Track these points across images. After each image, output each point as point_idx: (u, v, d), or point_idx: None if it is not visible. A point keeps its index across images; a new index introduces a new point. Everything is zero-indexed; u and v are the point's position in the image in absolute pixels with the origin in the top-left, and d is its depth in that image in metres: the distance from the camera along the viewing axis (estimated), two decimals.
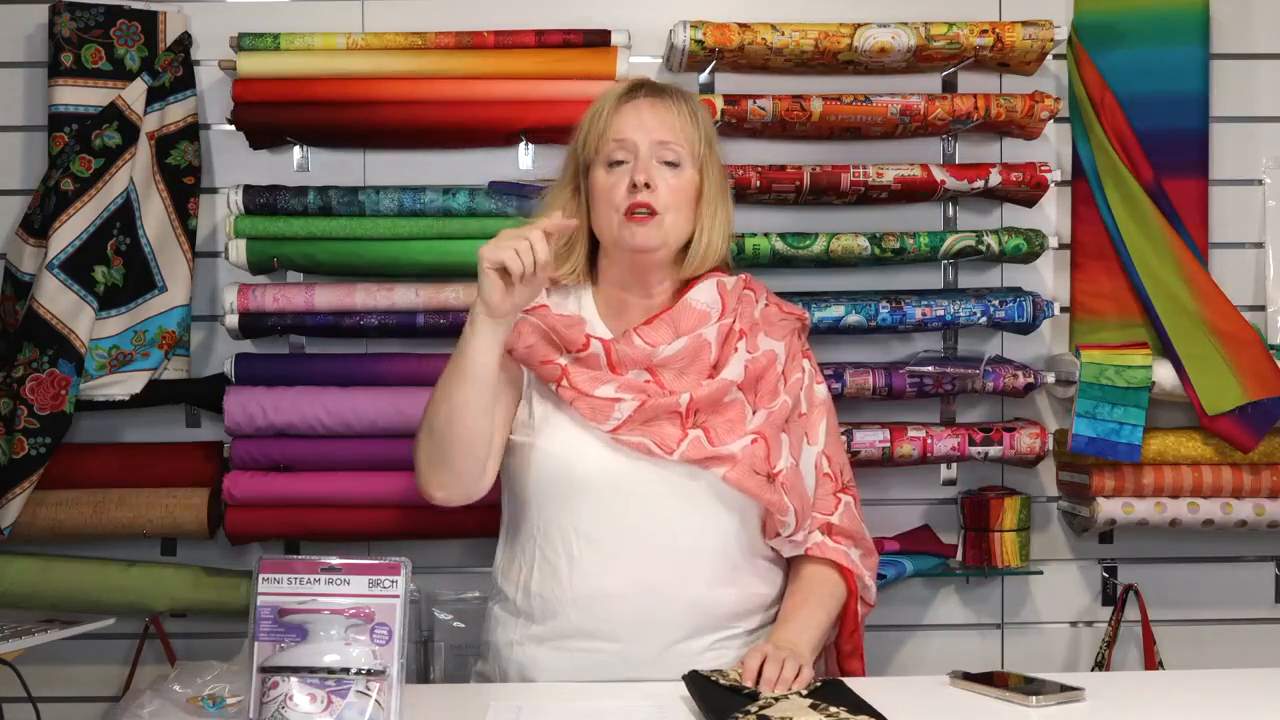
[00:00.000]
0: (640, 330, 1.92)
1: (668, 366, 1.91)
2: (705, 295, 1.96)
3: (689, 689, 1.69)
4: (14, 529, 2.41)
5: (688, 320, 1.93)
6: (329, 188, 2.50)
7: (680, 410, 1.87)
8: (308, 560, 1.47)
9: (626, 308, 1.97)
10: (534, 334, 1.93)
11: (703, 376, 1.92)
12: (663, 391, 1.89)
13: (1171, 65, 2.65)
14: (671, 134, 1.91)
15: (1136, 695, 1.78)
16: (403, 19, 2.60)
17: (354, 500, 2.47)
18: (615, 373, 1.90)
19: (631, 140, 1.90)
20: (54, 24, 2.50)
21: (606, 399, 1.87)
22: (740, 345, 1.95)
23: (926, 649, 2.72)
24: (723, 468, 1.85)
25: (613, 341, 1.91)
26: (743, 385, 1.93)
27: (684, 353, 1.91)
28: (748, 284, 2.03)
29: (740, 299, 1.99)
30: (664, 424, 1.87)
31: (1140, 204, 2.59)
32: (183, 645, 2.61)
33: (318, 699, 1.43)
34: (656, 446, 1.85)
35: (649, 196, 1.88)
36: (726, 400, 1.91)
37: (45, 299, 2.38)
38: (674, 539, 1.87)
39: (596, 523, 1.87)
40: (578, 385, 1.88)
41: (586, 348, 1.90)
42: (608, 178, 1.91)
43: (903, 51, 2.49)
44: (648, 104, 1.93)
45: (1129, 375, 2.50)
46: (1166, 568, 2.73)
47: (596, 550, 1.87)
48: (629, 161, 1.90)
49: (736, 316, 1.97)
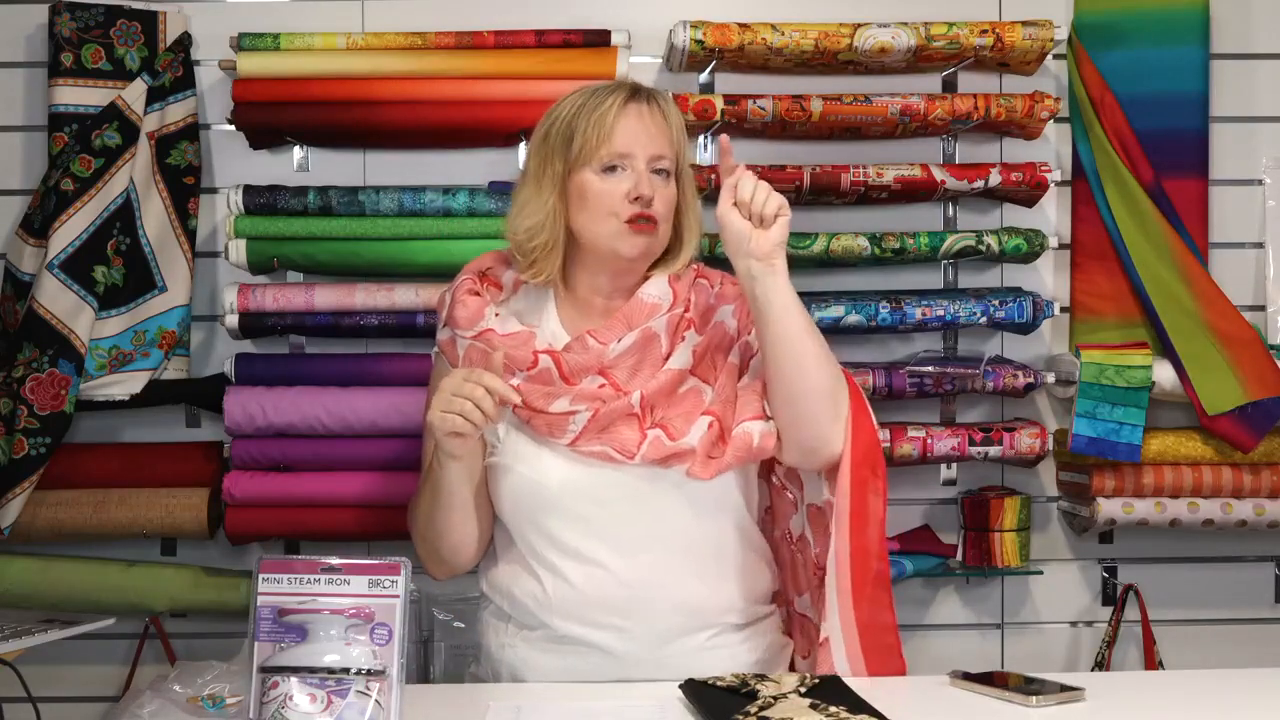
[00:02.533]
0: (595, 331, 1.91)
1: (619, 366, 1.90)
2: (656, 288, 1.94)
3: (686, 697, 1.69)
4: (14, 529, 2.41)
5: (639, 315, 1.92)
6: (329, 188, 2.50)
7: (635, 411, 1.87)
8: (308, 560, 1.47)
9: (590, 308, 1.96)
10: (483, 360, 1.89)
11: (656, 370, 1.91)
12: (616, 394, 1.88)
13: (1171, 65, 2.66)
14: (667, 146, 1.91)
15: (1136, 695, 1.78)
16: (403, 19, 2.60)
17: (354, 500, 2.47)
18: (569, 384, 1.89)
19: (632, 152, 1.89)
20: (54, 24, 2.50)
21: (561, 414, 1.86)
22: (688, 334, 1.94)
23: (926, 649, 2.72)
24: (684, 464, 1.85)
25: (562, 352, 1.89)
26: (697, 369, 1.93)
27: (633, 348, 1.90)
28: (700, 273, 2.02)
29: (694, 287, 1.98)
30: (622, 428, 1.86)
31: (1140, 204, 2.59)
32: (183, 645, 2.61)
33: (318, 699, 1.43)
34: (616, 453, 1.85)
35: (653, 208, 1.89)
36: (681, 391, 1.91)
37: (45, 299, 2.38)
38: (652, 541, 1.87)
39: (571, 534, 1.87)
40: (532, 404, 1.87)
41: (536, 365, 1.88)
42: (603, 184, 1.88)
43: (903, 51, 2.50)
44: (647, 113, 1.91)
45: (1129, 375, 2.50)
46: (1166, 568, 2.73)
47: (575, 561, 1.87)
48: (624, 169, 1.89)
49: (690, 306, 1.96)
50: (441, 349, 2.00)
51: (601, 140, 1.88)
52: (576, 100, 1.93)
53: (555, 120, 1.93)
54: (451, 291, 1.98)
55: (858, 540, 1.87)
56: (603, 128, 1.88)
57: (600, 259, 1.93)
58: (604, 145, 1.88)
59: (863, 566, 1.87)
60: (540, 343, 1.92)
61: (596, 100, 1.91)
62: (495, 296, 1.98)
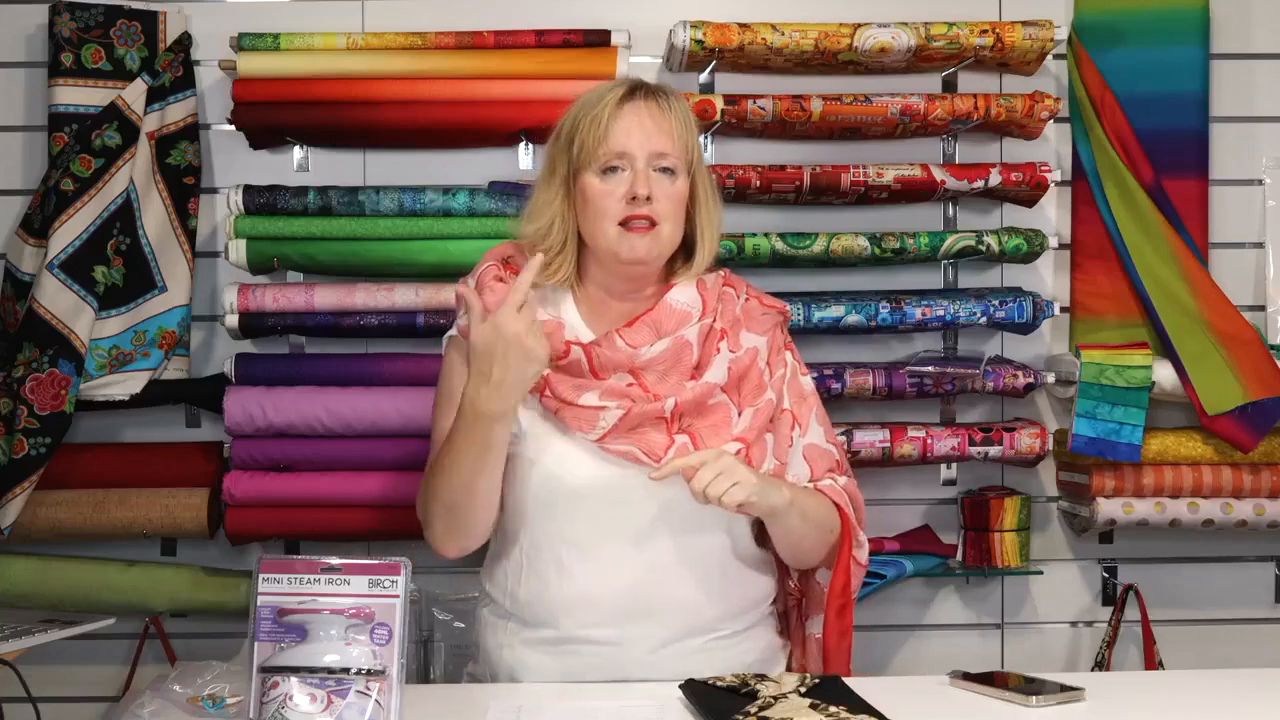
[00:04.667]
0: (622, 332, 1.90)
1: (650, 369, 1.89)
2: (685, 295, 1.93)
3: (686, 697, 1.69)
4: (14, 529, 2.41)
5: (669, 321, 1.91)
6: (329, 188, 2.50)
7: (665, 416, 1.86)
8: (308, 560, 1.47)
9: (608, 309, 1.95)
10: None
11: (685, 378, 1.90)
12: (647, 396, 1.87)
13: (1171, 65, 2.66)
14: (669, 142, 1.88)
15: (1136, 695, 1.78)
16: (403, 19, 2.60)
17: (354, 500, 2.47)
18: (598, 378, 1.88)
19: (629, 150, 1.87)
20: (54, 24, 2.50)
21: (590, 407, 1.85)
22: (722, 345, 1.93)
23: (926, 649, 2.72)
24: None
25: (594, 346, 1.88)
26: (726, 386, 1.91)
27: (666, 355, 1.89)
28: (727, 280, 2.01)
29: (721, 296, 1.97)
30: (650, 431, 1.86)
31: (1140, 204, 2.59)
32: (183, 645, 2.61)
33: (318, 699, 1.43)
34: (644, 455, 1.84)
35: (648, 208, 1.86)
36: (711, 403, 1.90)
37: (45, 299, 2.38)
38: (664, 545, 1.87)
39: (586, 531, 1.86)
40: (560, 394, 1.86)
41: (567, 354, 1.87)
42: (603, 185, 1.87)
43: (903, 51, 2.50)
44: (645, 110, 1.89)
45: (1129, 375, 2.50)
46: (1166, 568, 2.73)
47: (585, 558, 1.86)
48: (625, 169, 1.87)
49: (717, 315, 1.95)
50: (463, 334, 1.93)
51: (599, 141, 1.86)
52: (582, 100, 1.93)
53: (565, 120, 1.93)
54: (476, 278, 1.95)
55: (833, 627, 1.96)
56: (599, 128, 1.87)
57: (606, 261, 1.92)
58: (601, 145, 1.86)
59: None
60: (567, 333, 1.91)
61: (595, 98, 1.90)
62: None
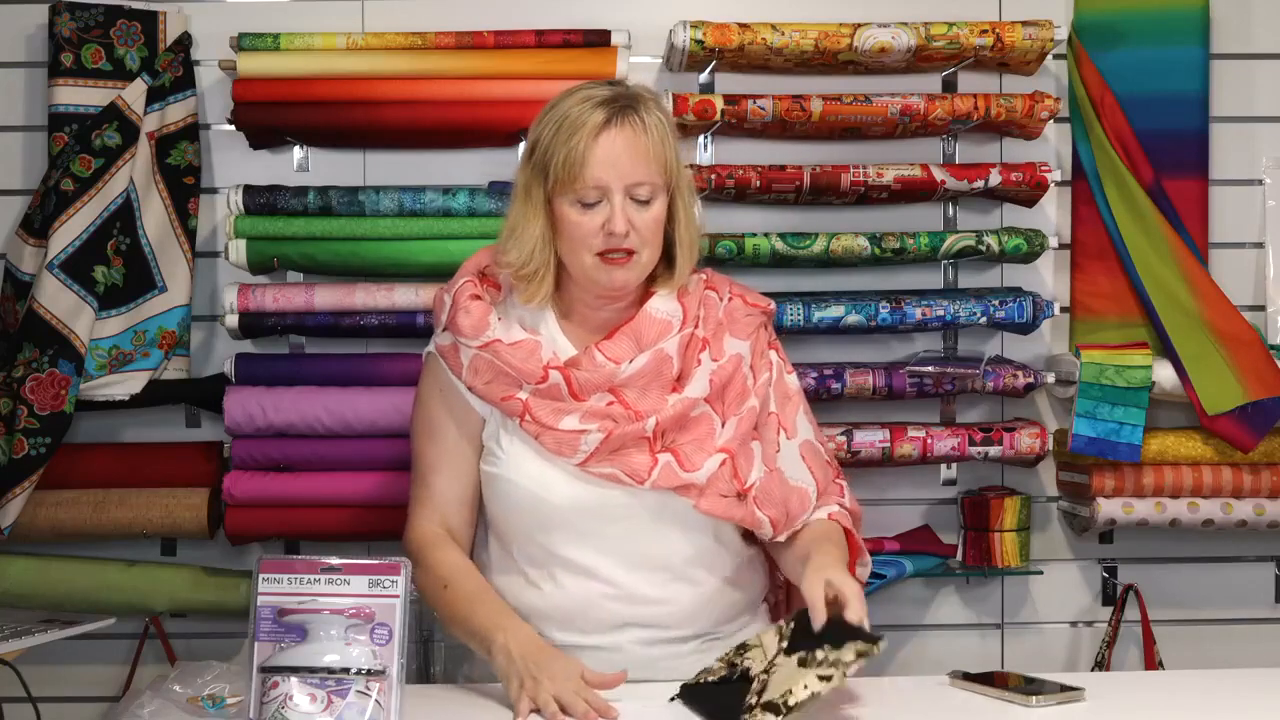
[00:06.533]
0: (601, 346, 1.88)
1: (630, 385, 1.87)
2: (666, 304, 1.91)
3: (687, 704, 1.69)
4: (14, 529, 2.41)
5: (650, 332, 1.89)
6: (329, 188, 2.50)
7: (648, 436, 1.85)
8: (308, 560, 1.48)
9: (587, 320, 1.93)
10: (490, 370, 1.87)
11: (666, 391, 1.88)
12: (628, 414, 1.85)
13: (1171, 65, 2.66)
14: (645, 169, 1.83)
15: (1136, 695, 1.78)
16: (403, 19, 2.60)
17: (354, 500, 2.47)
18: (578, 400, 1.86)
19: (607, 184, 1.82)
20: (54, 24, 2.50)
21: (571, 431, 1.84)
22: (703, 356, 1.91)
23: (926, 649, 2.72)
24: (691, 498, 1.84)
25: (572, 368, 1.86)
26: (709, 397, 1.89)
27: (645, 370, 1.87)
28: (709, 283, 1.98)
29: (703, 302, 1.94)
30: (633, 452, 1.84)
31: (1140, 204, 2.59)
32: (183, 645, 2.61)
33: (318, 699, 1.43)
34: (627, 476, 1.83)
35: (626, 241, 1.83)
36: (694, 415, 1.88)
37: (45, 299, 2.38)
38: (653, 557, 1.87)
39: (573, 549, 1.86)
40: (540, 419, 1.85)
41: (545, 379, 1.85)
42: (579, 216, 1.83)
43: (903, 51, 2.50)
44: (621, 138, 1.82)
45: (1129, 375, 2.50)
46: (1166, 568, 2.73)
47: (575, 572, 1.87)
48: (602, 201, 1.82)
49: (700, 322, 1.92)
50: (441, 355, 1.94)
51: (574, 175, 1.81)
52: (557, 117, 1.84)
53: (539, 137, 1.86)
54: (452, 295, 1.93)
55: None
56: (575, 160, 1.81)
57: (585, 284, 1.89)
58: (578, 179, 1.81)
59: None
60: (545, 352, 1.88)
61: (572, 124, 1.82)
62: (495, 298, 1.95)
